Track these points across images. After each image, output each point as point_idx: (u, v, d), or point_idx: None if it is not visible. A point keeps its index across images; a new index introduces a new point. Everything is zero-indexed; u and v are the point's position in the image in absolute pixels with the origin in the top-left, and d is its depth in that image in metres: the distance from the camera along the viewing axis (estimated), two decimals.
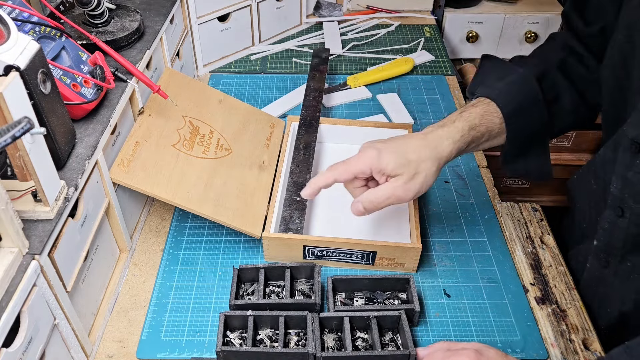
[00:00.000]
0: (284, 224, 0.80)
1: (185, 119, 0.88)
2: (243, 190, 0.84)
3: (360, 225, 0.84)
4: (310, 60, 1.15)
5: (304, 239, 0.77)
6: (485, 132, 0.75)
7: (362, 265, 0.80)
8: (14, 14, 0.70)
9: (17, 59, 0.56)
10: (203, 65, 1.20)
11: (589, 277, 0.77)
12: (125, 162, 0.76)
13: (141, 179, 0.76)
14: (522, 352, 0.71)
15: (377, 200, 0.72)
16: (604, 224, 0.71)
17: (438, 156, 0.71)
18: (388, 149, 0.71)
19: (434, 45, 1.32)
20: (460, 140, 0.73)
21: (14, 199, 0.59)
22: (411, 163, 0.70)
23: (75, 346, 0.65)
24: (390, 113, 1.09)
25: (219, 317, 0.69)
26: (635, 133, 0.64)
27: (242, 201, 0.82)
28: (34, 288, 0.56)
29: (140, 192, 0.76)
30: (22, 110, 0.53)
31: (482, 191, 0.93)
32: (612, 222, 0.69)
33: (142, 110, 0.83)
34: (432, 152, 0.71)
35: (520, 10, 1.42)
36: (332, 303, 0.72)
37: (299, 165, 0.88)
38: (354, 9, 1.44)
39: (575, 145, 1.42)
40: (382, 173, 0.71)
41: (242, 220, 0.79)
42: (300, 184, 0.84)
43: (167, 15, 0.97)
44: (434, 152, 0.71)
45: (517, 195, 1.49)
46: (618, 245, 0.70)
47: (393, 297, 0.75)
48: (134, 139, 0.79)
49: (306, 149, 0.91)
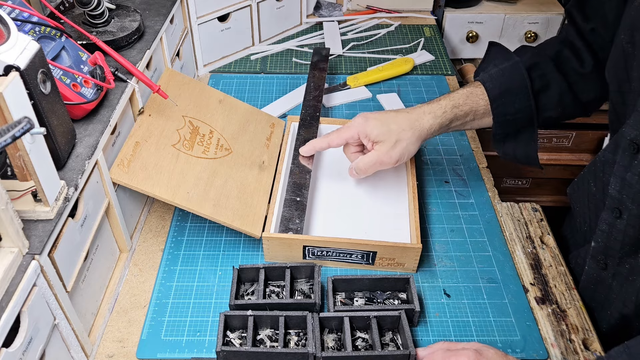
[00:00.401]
0: (284, 224, 0.80)
1: (185, 119, 0.88)
2: (243, 191, 0.84)
3: (360, 225, 0.84)
4: (310, 59, 1.15)
5: (304, 239, 0.77)
6: (469, 112, 0.82)
7: (362, 265, 0.80)
8: (14, 14, 0.70)
9: (17, 59, 0.56)
10: (203, 65, 1.20)
11: (587, 279, 0.77)
12: (125, 162, 0.76)
13: (141, 179, 0.76)
14: (522, 352, 0.71)
15: (365, 166, 0.82)
16: (602, 226, 0.71)
17: (419, 127, 0.80)
18: (374, 118, 0.81)
19: (434, 45, 1.32)
20: (442, 116, 0.81)
21: (14, 199, 0.59)
22: (392, 131, 0.79)
23: (75, 346, 0.65)
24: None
25: (219, 317, 0.69)
26: (634, 134, 0.65)
27: (242, 201, 0.82)
28: (34, 288, 0.56)
29: (140, 192, 0.75)
30: (22, 110, 0.53)
31: (482, 191, 0.93)
32: (610, 223, 0.69)
33: (142, 110, 0.83)
34: (412, 123, 0.80)
35: (520, 10, 1.42)
36: (332, 303, 0.72)
37: (299, 166, 0.88)
38: (354, 9, 1.44)
39: (575, 145, 1.42)
40: (368, 138, 0.81)
41: (242, 220, 0.80)
42: (301, 184, 0.85)
43: (167, 15, 0.97)
44: (415, 123, 0.80)
45: (517, 195, 1.50)
46: (616, 247, 0.70)
47: (393, 297, 0.75)
48: (134, 139, 0.79)
49: None
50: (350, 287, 0.76)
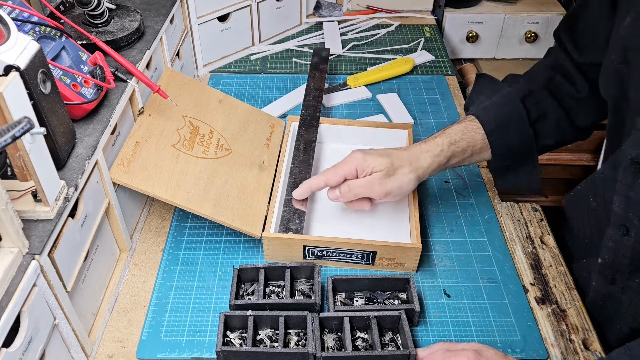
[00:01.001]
0: (284, 224, 0.80)
1: (185, 119, 0.88)
2: (243, 190, 0.84)
3: (360, 225, 0.84)
4: (310, 59, 1.15)
5: (304, 239, 0.77)
6: (466, 147, 0.80)
7: (362, 265, 0.80)
8: (14, 14, 0.70)
9: (17, 59, 0.56)
10: (203, 65, 1.20)
11: (595, 294, 0.76)
12: (125, 162, 0.76)
13: (141, 179, 0.76)
14: (522, 352, 0.71)
15: (353, 185, 0.78)
16: (609, 242, 0.70)
17: (417, 166, 0.78)
18: (373, 152, 0.78)
19: (434, 45, 1.32)
20: (440, 154, 0.79)
21: (14, 199, 0.59)
22: (392, 165, 0.77)
23: (75, 346, 0.65)
24: (390, 113, 1.09)
25: (219, 317, 0.69)
26: (634, 153, 0.65)
27: (242, 201, 0.82)
28: (34, 288, 0.56)
29: (140, 192, 0.75)
30: (22, 110, 0.53)
31: (482, 191, 0.93)
32: (617, 240, 0.69)
33: (142, 110, 0.83)
34: (412, 161, 0.78)
35: (520, 10, 1.42)
36: (332, 303, 0.72)
37: (299, 166, 0.88)
38: (354, 9, 1.44)
39: (576, 146, 1.41)
40: (366, 171, 0.77)
41: (242, 220, 0.80)
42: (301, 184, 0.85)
43: (167, 15, 0.97)
44: (414, 161, 0.78)
45: (517, 195, 1.49)
46: (624, 262, 0.69)
47: (393, 297, 0.75)
48: (134, 139, 0.79)
49: (306, 149, 0.91)
50: (350, 287, 0.76)
